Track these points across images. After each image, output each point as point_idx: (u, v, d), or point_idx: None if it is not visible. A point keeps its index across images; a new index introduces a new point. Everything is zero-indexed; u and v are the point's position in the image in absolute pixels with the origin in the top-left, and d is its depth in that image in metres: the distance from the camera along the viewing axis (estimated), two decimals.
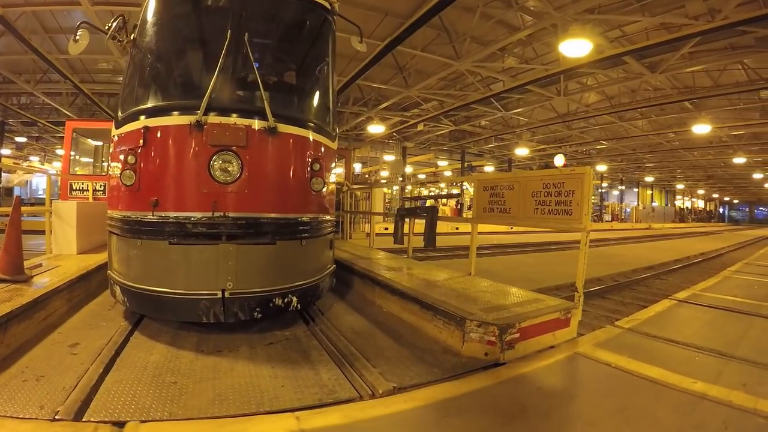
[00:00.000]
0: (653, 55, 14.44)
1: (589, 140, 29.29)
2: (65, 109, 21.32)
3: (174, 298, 3.82)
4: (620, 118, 22.76)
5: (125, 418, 2.61)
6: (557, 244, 18.79)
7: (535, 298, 4.60)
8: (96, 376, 3.09)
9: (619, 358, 3.68)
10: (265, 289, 4.04)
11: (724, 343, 4.06)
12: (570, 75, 16.73)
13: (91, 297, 5.26)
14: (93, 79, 18.70)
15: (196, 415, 2.69)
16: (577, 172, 4.44)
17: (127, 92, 4.46)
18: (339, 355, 3.73)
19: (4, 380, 2.97)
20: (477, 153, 35.87)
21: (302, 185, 4.38)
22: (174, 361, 3.53)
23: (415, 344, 4.00)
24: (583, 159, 37.36)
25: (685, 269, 13.79)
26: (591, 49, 11.71)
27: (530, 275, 5.69)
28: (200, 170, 3.84)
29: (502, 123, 26.13)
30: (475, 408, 2.86)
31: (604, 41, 12.81)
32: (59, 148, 34.60)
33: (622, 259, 14.53)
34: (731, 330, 4.56)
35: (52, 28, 14.04)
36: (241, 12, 4.24)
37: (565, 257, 14.93)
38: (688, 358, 3.73)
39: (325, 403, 2.89)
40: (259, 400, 2.89)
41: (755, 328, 4.63)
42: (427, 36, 13.89)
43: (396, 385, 3.12)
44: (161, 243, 3.84)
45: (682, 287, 9.39)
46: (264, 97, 4.02)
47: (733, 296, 6.27)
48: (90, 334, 3.97)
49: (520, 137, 29.07)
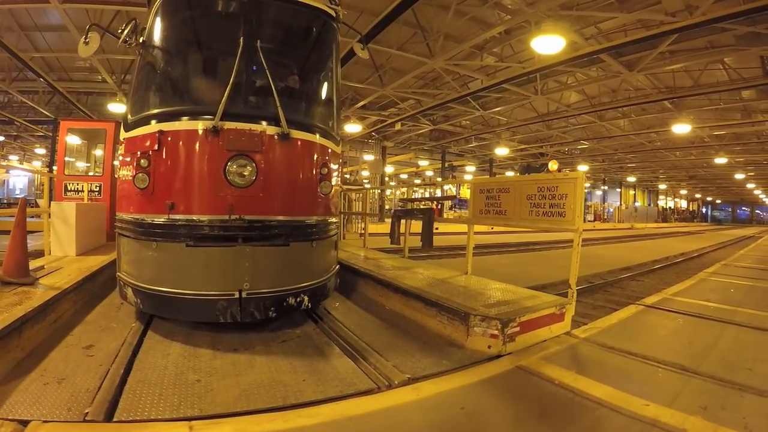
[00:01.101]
0: (631, 53, 14.18)
1: (569, 140, 29.08)
2: (41, 107, 20.92)
3: (191, 299, 3.88)
4: (600, 117, 22.56)
5: (155, 416, 2.65)
6: (535, 245, 18.51)
7: (531, 295, 4.94)
8: (118, 377, 3.13)
9: (565, 373, 3.31)
10: (279, 289, 4.15)
11: (690, 356, 3.70)
12: (547, 74, 16.45)
13: (96, 299, 5.27)
14: (70, 78, 18.35)
15: (225, 411, 2.74)
16: (571, 176, 4.71)
17: (137, 95, 4.50)
18: (351, 350, 3.89)
19: (25, 384, 2.95)
20: (458, 153, 35.53)
21: (312, 188, 4.54)
22: (193, 360, 3.60)
23: (421, 339, 4.22)
24: (565, 159, 37.22)
25: (663, 270, 13.54)
26: (564, 45, 11.41)
27: (501, 278, 5.68)
28: (216, 174, 3.93)
29: (483, 123, 25.85)
30: (490, 394, 3.09)
31: (580, 38, 12.49)
32: (38, 146, 34.19)
33: (600, 259, 14.21)
34: (700, 340, 4.20)
35: (27, 26, 13.82)
36: (252, 19, 4.26)
37: (541, 258, 14.65)
38: (646, 374, 3.37)
39: (348, 394, 3.03)
40: (285, 394, 3.00)
41: (726, 338, 4.28)
42: (404, 35, 13.64)
43: (410, 376, 3.31)
44: (178, 245, 3.91)
45: (658, 288, 9.13)
46: (278, 103, 4.08)
47: (706, 301, 5.95)
48: (103, 336, 4.01)
49: (500, 137, 28.79)
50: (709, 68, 15.55)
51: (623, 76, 15.32)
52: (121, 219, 4.32)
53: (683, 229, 44.09)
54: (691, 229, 46.89)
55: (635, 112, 21.71)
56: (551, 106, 21.39)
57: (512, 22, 12.00)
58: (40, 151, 35.44)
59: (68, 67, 17.56)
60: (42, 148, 33.64)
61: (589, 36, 12.87)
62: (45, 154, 34.00)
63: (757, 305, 5.80)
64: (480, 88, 16.70)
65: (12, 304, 3.67)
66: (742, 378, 3.25)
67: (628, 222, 48.50)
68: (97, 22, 4.58)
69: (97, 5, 12.26)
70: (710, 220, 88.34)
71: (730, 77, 15.78)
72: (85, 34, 4.26)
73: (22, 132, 29.15)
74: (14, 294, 4.04)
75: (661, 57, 14.46)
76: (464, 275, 6.03)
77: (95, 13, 12.94)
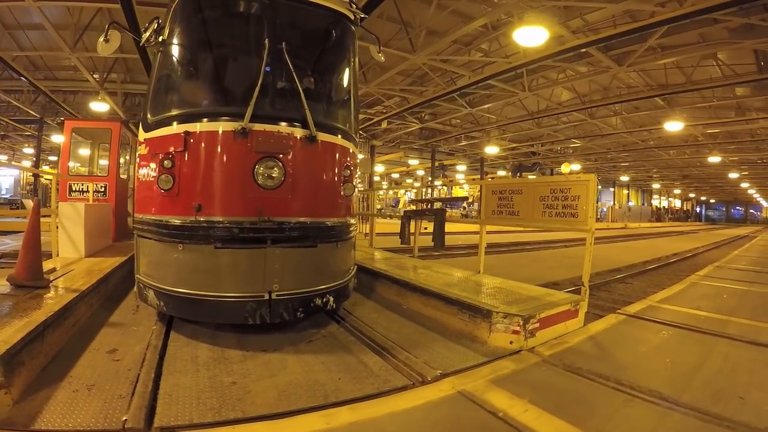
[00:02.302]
0: (620, 47, 13.69)
1: (561, 139, 28.63)
2: (26, 107, 20.89)
3: (219, 300, 3.86)
4: (591, 115, 22.11)
5: (198, 420, 2.59)
6: (527, 245, 17.96)
7: (546, 293, 5.09)
8: (150, 382, 3.05)
9: (514, 402, 2.79)
10: (307, 290, 4.16)
11: (671, 380, 3.16)
12: (535, 69, 15.98)
13: (111, 301, 5.24)
14: (55, 77, 18.21)
15: (268, 412, 2.71)
16: (583, 179, 4.82)
17: (157, 96, 4.44)
18: (379, 348, 3.94)
19: (53, 391, 2.86)
20: (448, 152, 35.04)
21: (336, 190, 4.56)
22: (223, 362, 3.56)
23: (443, 336, 4.31)
24: (558, 158, 36.81)
25: (654, 272, 12.99)
26: (549, 38, 10.91)
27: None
28: (245, 176, 3.91)
29: (473, 121, 25.38)
30: (523, 384, 3.15)
31: (566, 32, 11.98)
32: (27, 146, 34.06)
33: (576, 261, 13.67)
34: (684, 359, 3.66)
35: (10, 24, 13.61)
36: (277, 21, 4.24)
37: (530, 259, 14.06)
38: (613, 405, 2.82)
39: (385, 391, 3.05)
40: (324, 393, 3.00)
41: (716, 356, 3.73)
42: (389, 31, 13.25)
43: (442, 372, 3.36)
44: (206, 247, 3.85)
45: (647, 292, 8.63)
46: (305, 105, 4.07)
47: (695, 309, 5.42)
48: (125, 340, 3.95)
49: (489, 135, 28.32)
50: (702, 65, 15.10)
51: (613, 71, 14.83)
52: (142, 220, 4.27)
53: (677, 229, 43.61)
54: (684, 228, 46.44)
55: (627, 110, 21.33)
56: (541, 104, 20.91)
57: (494, 14, 11.52)
58: (28, 151, 35.00)
59: (53, 66, 17.34)
60: (30, 148, 33.20)
61: (576, 29, 12.36)
62: (33, 154, 33.45)
63: (752, 313, 5.29)
64: (465, 85, 16.23)
65: (31, 309, 3.59)
66: (731, 410, 2.71)
67: (621, 221, 48.08)
68: (115, 21, 4.44)
69: (75, 2, 11.95)
70: (704, 220, 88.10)
71: (723, 74, 15.31)
72: (105, 32, 4.21)
73: (10, 132, 29.27)
74: (30, 297, 3.95)
75: (652, 51, 13.98)
76: (477, 274, 6.18)
77: (74, 10, 12.75)
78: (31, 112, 21.30)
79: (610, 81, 17.79)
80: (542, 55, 12.95)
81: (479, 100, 20.77)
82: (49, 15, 12.28)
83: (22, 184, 36.33)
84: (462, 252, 13.41)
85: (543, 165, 40.04)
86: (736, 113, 20.56)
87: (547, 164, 40.49)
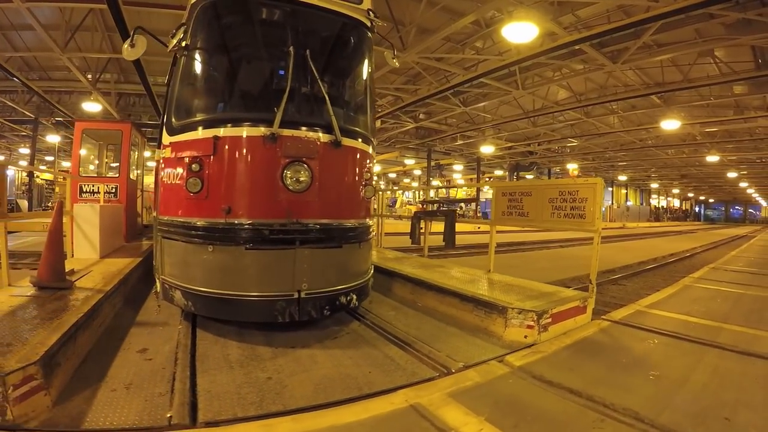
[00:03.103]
0: (614, 44, 13.41)
1: (557, 138, 28.33)
2: (21, 107, 20.88)
3: (250, 300, 3.97)
4: (587, 114, 21.82)
5: (241, 414, 2.65)
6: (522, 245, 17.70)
7: (555, 290, 5.35)
8: (187, 380, 3.12)
9: (469, 419, 2.54)
10: (332, 288, 4.31)
11: (651, 398, 2.88)
12: (528, 67, 15.70)
13: (131, 301, 5.36)
14: (49, 77, 18.16)
15: (308, 404, 2.81)
16: (590, 182, 5.08)
17: (182, 100, 4.51)
18: (402, 342, 4.16)
19: (91, 391, 2.90)
20: (444, 151, 34.73)
21: (358, 193, 4.72)
22: (255, 359, 3.67)
23: (461, 332, 4.56)
24: (555, 158, 36.53)
25: (649, 273, 12.74)
26: (539, 34, 10.63)
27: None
28: (274, 180, 4.02)
29: (468, 120, 25.10)
30: (548, 371, 3.33)
31: (558, 28, 11.68)
32: (23, 146, 34.01)
33: (585, 261, 13.32)
34: (667, 372, 3.38)
35: (4, 25, 13.53)
36: (299, 28, 4.40)
37: (522, 259, 13.77)
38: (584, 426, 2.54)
39: (415, 382, 3.19)
40: (358, 385, 3.14)
41: (704, 368, 3.45)
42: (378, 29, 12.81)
43: (464, 363, 3.56)
44: (237, 248, 3.95)
45: (640, 294, 8.41)
46: (330, 111, 4.21)
47: (686, 314, 5.15)
48: (153, 339, 4.05)
49: (484, 133, 28.02)
50: (699, 62, 14.80)
51: (607, 68, 14.52)
52: (168, 222, 4.36)
53: (675, 229, 43.37)
54: (683, 228, 46.18)
55: (624, 108, 21.08)
56: (537, 103, 20.61)
57: (484, 11, 11.23)
58: (24, 151, 34.92)
59: (47, 66, 17.23)
60: (26, 148, 33.17)
61: (568, 25, 12.09)
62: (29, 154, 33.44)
63: (746, 319, 5.01)
64: (458, 83, 15.93)
65: (59, 310, 3.63)
66: None
67: (619, 221, 47.80)
68: (141, 26, 4.43)
69: (64, 3, 11.81)
70: (703, 219, 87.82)
71: (721, 71, 15.03)
72: (131, 36, 4.26)
73: (6, 132, 29.29)
74: (56, 299, 3.98)
75: (647, 48, 13.71)
76: (487, 272, 6.39)
77: (66, 11, 12.68)
78: (25, 112, 21.30)
79: (606, 79, 17.53)
80: (535, 52, 12.67)
81: (474, 99, 20.49)
82: (41, 15, 12.23)
83: (17, 184, 35.97)
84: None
85: (540, 164, 39.75)
86: (734, 112, 20.27)
87: (545, 164, 40.20)
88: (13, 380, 2.47)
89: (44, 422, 2.49)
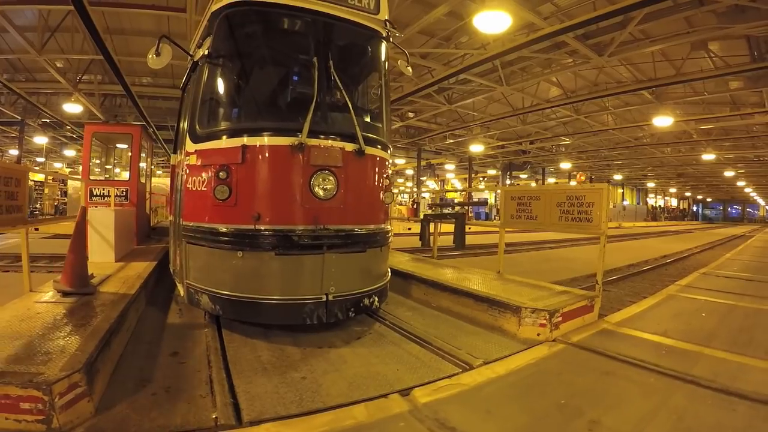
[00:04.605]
0: (599, 35, 12.69)
1: (549, 136, 27.63)
2: (7, 108, 20.87)
3: (280, 303, 4.09)
4: (577, 111, 21.12)
5: (284, 413, 2.73)
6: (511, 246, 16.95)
7: (564, 290, 5.58)
8: (225, 382, 3.19)
9: None
10: (357, 291, 4.44)
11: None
12: (511, 62, 15.00)
13: (152, 304, 5.47)
14: (35, 79, 18.04)
15: (346, 401, 2.91)
16: (597, 187, 5.39)
17: (208, 109, 4.57)
18: (423, 341, 4.27)
19: (132, 396, 2.95)
20: (435, 150, 34.03)
21: (379, 198, 4.89)
22: (285, 359, 3.76)
23: (477, 330, 4.71)
24: (548, 156, 35.83)
25: (638, 276, 12.01)
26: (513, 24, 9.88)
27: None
28: (303, 188, 4.14)
29: (458, 119, 24.40)
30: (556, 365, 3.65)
31: (537, 19, 10.96)
32: (12, 148, 33.73)
33: (571, 264, 12.65)
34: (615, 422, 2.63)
35: None
36: (322, 39, 4.50)
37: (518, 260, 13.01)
38: None
39: (440, 377, 3.36)
40: (389, 382, 3.29)
41: (665, 415, 2.71)
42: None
43: (484, 360, 3.76)
44: (267, 254, 4.04)
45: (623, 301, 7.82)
46: (355, 121, 4.34)
47: (662, 334, 4.43)
48: (182, 342, 4.15)
49: (472, 132, 27.34)
50: (692, 56, 14.10)
51: (593, 61, 13.77)
52: (193, 228, 4.42)
53: (672, 229, 42.62)
54: (680, 228, 45.44)
55: (617, 105, 20.54)
56: (527, 101, 19.89)
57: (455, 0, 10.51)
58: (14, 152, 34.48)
59: (32, 68, 17.05)
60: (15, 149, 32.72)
61: (549, 15, 11.34)
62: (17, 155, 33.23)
63: (732, 341, 4.28)
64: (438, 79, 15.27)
65: (89, 316, 3.68)
66: None
67: (615, 221, 47.09)
68: (165, 34, 4.43)
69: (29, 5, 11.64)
70: (701, 219, 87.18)
71: (715, 65, 14.30)
72: (156, 45, 4.29)
73: None
74: (83, 305, 4.03)
75: (635, 40, 12.98)
76: (497, 274, 6.58)
77: (43, 12, 12.51)
78: (10, 113, 21.27)
79: (597, 75, 16.84)
80: (515, 45, 11.96)
81: (459, 97, 19.80)
82: (18, 17, 12.29)
83: None
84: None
85: (534, 164, 39.07)
86: (730, 109, 19.56)
87: (539, 163, 39.52)
88: (59, 389, 2.49)
89: (89, 429, 2.53)
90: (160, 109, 22.80)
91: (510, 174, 37.82)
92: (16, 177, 4.18)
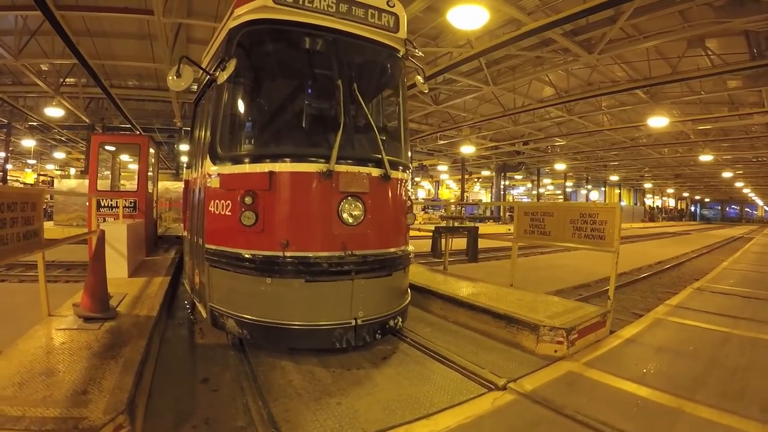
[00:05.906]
0: (588, 31, 12.01)
1: (542, 137, 27.00)
2: None
3: (310, 329, 4.06)
4: (569, 111, 20.49)
5: None
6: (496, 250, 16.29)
7: (577, 305, 5.66)
8: (264, 410, 3.19)
9: None
10: (384, 314, 4.44)
11: None
12: (498, 60, 14.31)
13: (169, 325, 5.39)
14: (21, 82, 17.97)
15: (383, 426, 2.97)
16: (610, 206, 5.75)
17: (230, 131, 4.47)
18: (447, 360, 4.32)
19: (172, 430, 2.93)
20: (427, 151, 33.43)
21: (403, 221, 4.88)
22: (317, 383, 3.77)
23: (496, 347, 4.76)
24: (543, 157, 35.18)
25: (628, 288, 11.34)
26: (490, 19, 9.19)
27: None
28: (331, 214, 4.11)
29: (449, 120, 23.77)
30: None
31: (521, 14, 10.28)
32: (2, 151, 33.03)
33: (559, 272, 11.92)
34: None
35: None
36: (344, 59, 4.45)
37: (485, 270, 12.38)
38: None
39: (470, 398, 3.42)
40: (422, 404, 3.33)
41: None
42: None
43: (508, 378, 3.74)
44: (296, 280, 4.01)
45: None
46: (381, 146, 4.34)
47: (637, 381, 3.74)
48: (210, 367, 4.10)
49: (462, 133, 26.73)
50: (688, 54, 13.44)
51: (583, 59, 13.09)
52: (218, 251, 4.30)
53: (669, 230, 41.91)
54: (677, 229, 44.77)
55: (612, 105, 20.05)
56: (519, 101, 19.23)
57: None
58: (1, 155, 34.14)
59: (17, 72, 16.89)
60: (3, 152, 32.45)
61: (532, 10, 10.64)
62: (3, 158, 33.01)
63: (722, 391, 3.59)
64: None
65: (116, 345, 3.55)
66: None
67: None
68: (186, 54, 4.34)
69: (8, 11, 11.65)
70: (699, 219, 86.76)
71: (713, 63, 13.63)
72: (177, 66, 4.16)
73: None
74: (107, 332, 3.89)
75: (627, 36, 12.30)
76: (510, 288, 6.70)
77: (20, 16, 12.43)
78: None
79: (590, 74, 16.26)
80: (499, 41, 11.27)
81: (446, 97, 19.15)
82: None
83: None
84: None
85: (529, 164, 38.47)
86: (728, 109, 18.93)
87: (534, 164, 38.90)
88: None
89: None
90: (147, 111, 22.43)
91: (504, 175, 37.20)
92: (32, 201, 3.93)
